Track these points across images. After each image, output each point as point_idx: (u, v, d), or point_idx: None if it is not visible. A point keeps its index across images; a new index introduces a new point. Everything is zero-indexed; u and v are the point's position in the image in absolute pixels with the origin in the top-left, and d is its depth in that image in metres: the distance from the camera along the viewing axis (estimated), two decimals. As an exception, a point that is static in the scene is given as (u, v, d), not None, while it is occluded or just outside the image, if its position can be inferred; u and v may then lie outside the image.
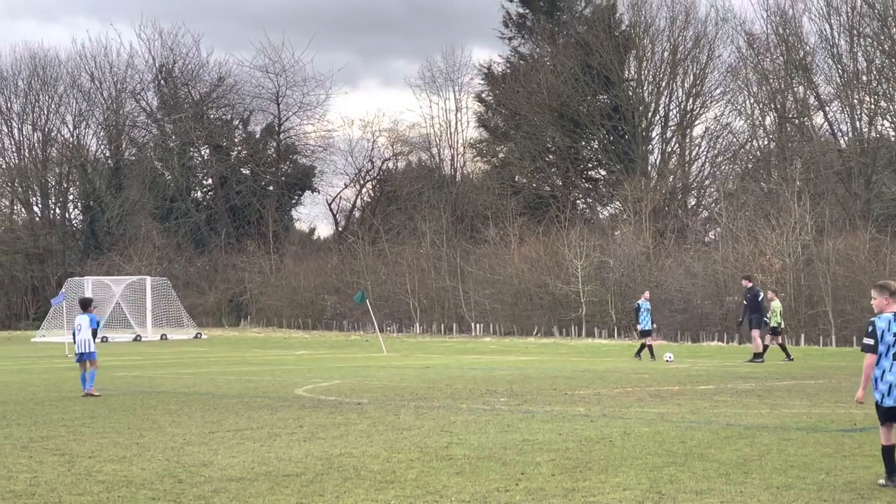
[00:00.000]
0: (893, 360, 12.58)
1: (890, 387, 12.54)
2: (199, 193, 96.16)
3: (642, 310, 40.20)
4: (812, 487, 12.46)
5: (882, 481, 12.57)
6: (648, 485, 12.75)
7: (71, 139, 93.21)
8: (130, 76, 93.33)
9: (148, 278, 68.57)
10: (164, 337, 65.74)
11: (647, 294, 42.11)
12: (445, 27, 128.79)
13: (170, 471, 14.20)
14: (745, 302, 38.51)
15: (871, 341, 12.67)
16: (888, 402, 12.55)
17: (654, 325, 43.03)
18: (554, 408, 21.61)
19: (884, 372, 12.57)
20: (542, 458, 14.82)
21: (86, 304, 27.37)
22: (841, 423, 18.38)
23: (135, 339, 64.40)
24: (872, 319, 12.76)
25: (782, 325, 39.64)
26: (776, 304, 39.48)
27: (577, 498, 12.03)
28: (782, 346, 39.01)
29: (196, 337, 66.48)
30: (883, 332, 12.64)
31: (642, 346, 40.22)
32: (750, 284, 38.45)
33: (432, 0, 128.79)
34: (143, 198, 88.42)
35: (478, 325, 67.07)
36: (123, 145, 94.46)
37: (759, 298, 37.80)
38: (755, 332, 37.65)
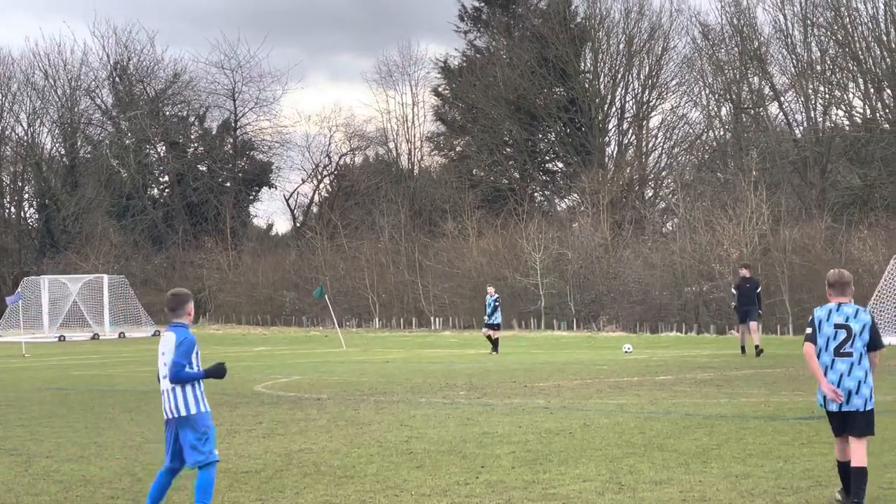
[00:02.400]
0: (835, 356, 11.15)
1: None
2: (155, 191, 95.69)
3: (492, 304, 39.90)
4: (770, 475, 12.53)
5: (838, 497, 11.42)
6: (608, 476, 12.79)
7: (25, 137, 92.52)
8: (85, 73, 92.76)
9: (105, 276, 68.19)
10: (122, 335, 65.41)
11: (491, 289, 41.28)
12: (391, 21, 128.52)
13: (128, 469, 14.14)
14: (734, 290, 35.78)
15: (808, 329, 11.37)
16: (832, 407, 11.20)
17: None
18: (514, 400, 21.63)
19: (826, 369, 11.18)
20: (502, 451, 14.84)
21: None
22: (798, 412, 18.49)
23: (92, 338, 64.05)
24: (815, 308, 11.55)
25: None
26: None
27: (538, 490, 12.05)
28: None
29: (154, 335, 66.10)
30: (821, 321, 11.29)
31: (495, 341, 39.96)
32: (748, 274, 35.56)
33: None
34: (99, 196, 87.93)
35: (437, 319, 67.04)
36: (78, 143, 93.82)
37: (759, 290, 35.14)
38: (753, 325, 34.58)
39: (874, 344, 11.23)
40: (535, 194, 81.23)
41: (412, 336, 59.87)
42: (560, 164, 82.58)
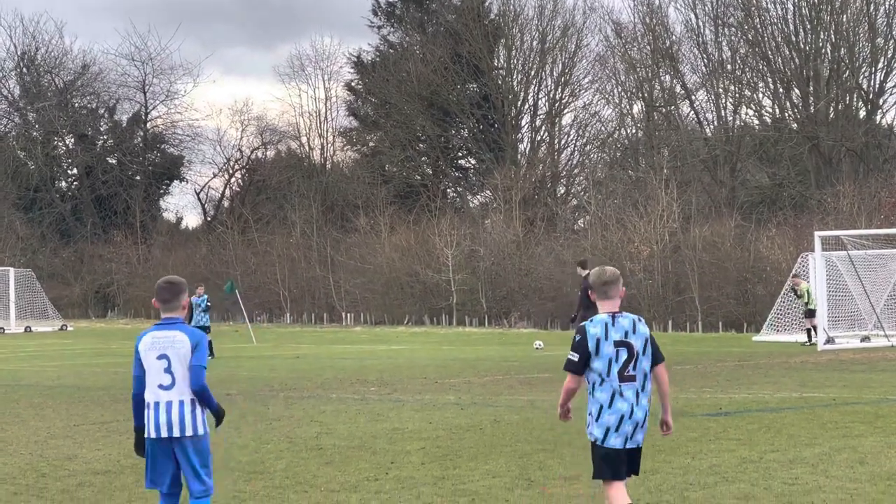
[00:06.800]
0: (620, 381, 8.93)
1: (621, 419, 9.02)
2: (63, 183, 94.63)
3: (200, 306, 36.26)
4: (678, 471, 12.59)
5: None
6: (518, 472, 12.78)
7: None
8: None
9: (11, 270, 67.17)
10: (28, 329, 64.51)
11: (200, 289, 37.54)
12: (285, 15, 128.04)
13: (33, 465, 13.91)
14: (579, 293, 26.80)
15: (575, 357, 8.96)
16: (614, 442, 9.00)
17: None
18: (424, 396, 21.59)
19: (613, 397, 8.97)
20: (412, 447, 14.79)
21: None
22: (706, 408, 18.62)
23: (-2, 332, 63.13)
24: (584, 324, 9.00)
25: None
26: (805, 286, 38.52)
27: (447, 486, 12.01)
28: (813, 329, 37.56)
29: (62, 329, 65.37)
30: (599, 341, 8.88)
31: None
32: (585, 272, 26.34)
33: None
34: (5, 188, 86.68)
35: (348, 315, 66.91)
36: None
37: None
38: None
39: (657, 359, 9.23)
40: (448, 190, 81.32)
41: (323, 331, 59.67)
42: (473, 161, 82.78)
